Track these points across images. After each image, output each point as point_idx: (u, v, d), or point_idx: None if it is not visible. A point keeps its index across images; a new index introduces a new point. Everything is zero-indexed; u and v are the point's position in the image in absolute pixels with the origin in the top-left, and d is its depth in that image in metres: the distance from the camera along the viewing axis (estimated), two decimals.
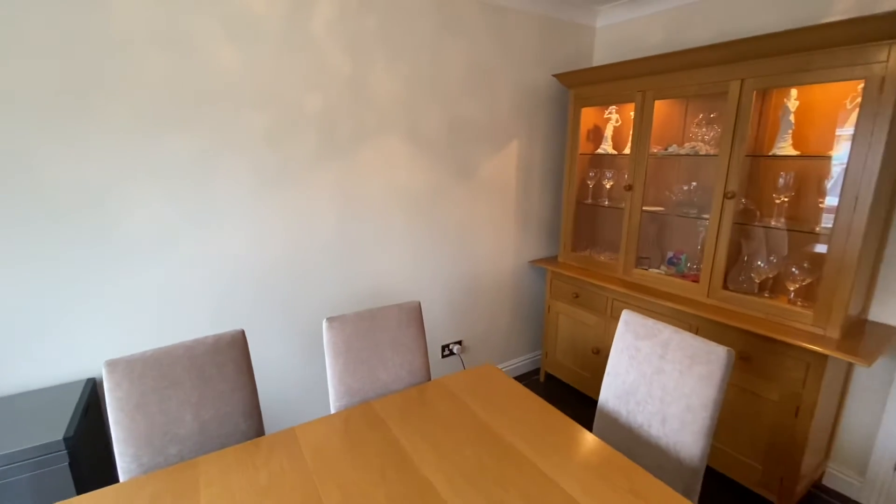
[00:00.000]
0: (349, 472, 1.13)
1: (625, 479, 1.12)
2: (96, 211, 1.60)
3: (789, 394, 1.78)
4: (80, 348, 1.64)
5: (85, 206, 1.58)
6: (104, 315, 1.67)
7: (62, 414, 1.45)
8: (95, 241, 1.61)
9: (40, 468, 1.33)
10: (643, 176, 2.29)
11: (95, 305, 1.64)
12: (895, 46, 1.46)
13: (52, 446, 1.33)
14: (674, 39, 2.44)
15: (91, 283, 1.62)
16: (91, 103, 1.53)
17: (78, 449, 1.39)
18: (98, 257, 1.62)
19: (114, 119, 1.58)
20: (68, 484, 1.38)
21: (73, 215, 1.56)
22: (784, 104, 1.89)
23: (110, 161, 1.60)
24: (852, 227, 1.63)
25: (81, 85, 1.50)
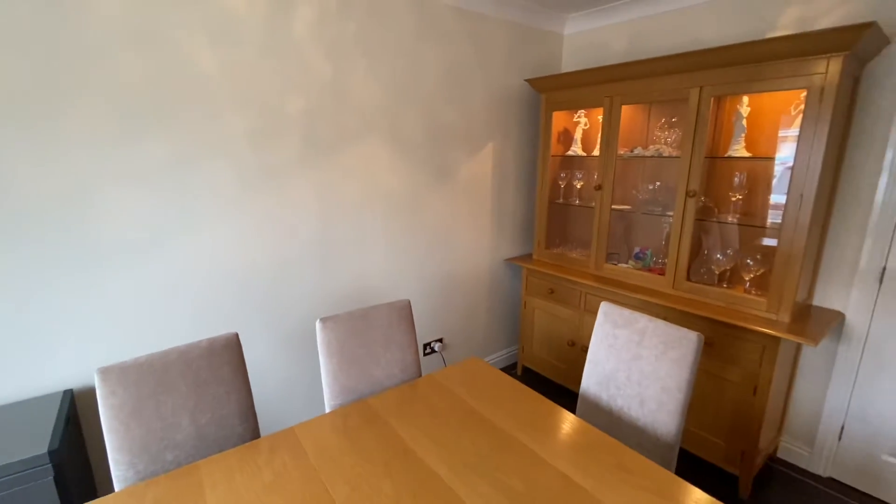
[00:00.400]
0: (353, 467, 1.17)
1: (611, 456, 1.22)
2: (70, 216, 1.55)
3: (748, 374, 1.95)
4: (57, 359, 1.58)
5: (58, 211, 1.53)
6: (81, 325, 1.62)
7: (43, 427, 1.40)
8: (70, 248, 1.56)
9: (25, 483, 1.28)
10: (612, 176, 2.43)
11: (71, 315, 1.59)
12: (832, 60, 1.64)
13: (37, 460, 1.29)
14: (637, 48, 2.60)
15: (66, 292, 1.57)
16: (66, 104, 1.48)
17: (62, 462, 1.35)
18: (72, 265, 1.57)
19: (90, 121, 1.53)
20: (53, 499, 1.34)
21: (45, 221, 1.50)
22: (737, 110, 2.06)
23: (85, 164, 1.55)
24: (798, 222, 1.81)
25: (55, 85, 1.46)
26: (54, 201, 1.51)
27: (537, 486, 1.10)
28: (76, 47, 1.47)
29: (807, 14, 1.98)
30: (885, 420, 1.95)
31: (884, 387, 1.95)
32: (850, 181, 1.96)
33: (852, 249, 1.98)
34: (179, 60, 1.67)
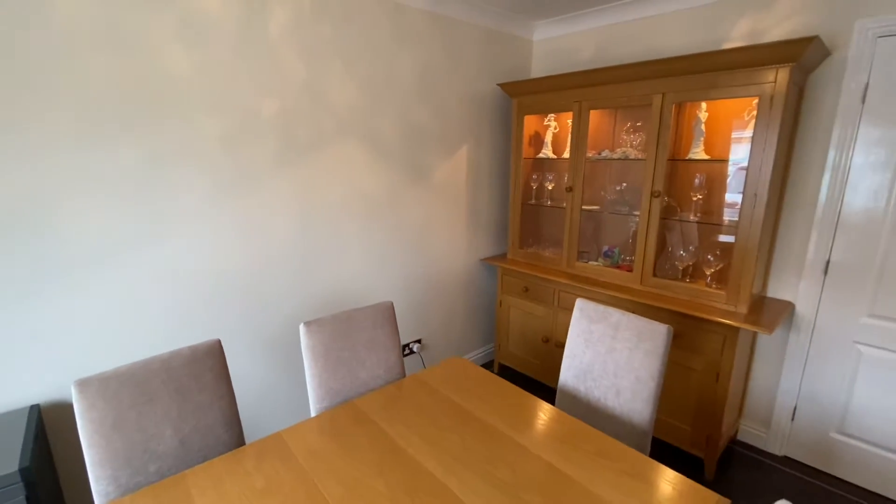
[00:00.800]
0: (345, 468, 1.18)
1: (591, 444, 1.28)
2: (33, 224, 1.48)
3: (710, 363, 2.08)
4: (21, 374, 1.51)
5: (20, 218, 1.45)
6: (46, 337, 1.55)
7: (11, 444, 1.34)
8: (33, 257, 1.49)
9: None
10: (581, 178, 2.53)
11: (36, 328, 1.52)
12: (780, 70, 1.78)
13: (7, 479, 1.23)
14: (603, 55, 2.72)
15: (28, 304, 1.50)
16: (29, 106, 1.42)
17: (33, 480, 1.30)
18: (36, 274, 1.50)
19: (55, 123, 1.47)
20: None
21: (5, 229, 1.43)
22: (697, 115, 2.20)
23: (50, 169, 1.49)
24: (753, 219, 1.95)
25: (15, 87, 1.39)
26: (14, 209, 1.44)
27: (524, 476, 1.15)
28: (38, 48, 1.41)
29: (757, 27, 2.13)
30: (832, 401, 2.13)
31: (829, 370, 2.13)
32: (797, 180, 2.12)
33: (800, 244, 2.15)
34: (150, 61, 1.63)
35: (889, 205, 1.90)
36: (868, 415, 2.04)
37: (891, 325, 1.94)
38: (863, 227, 1.98)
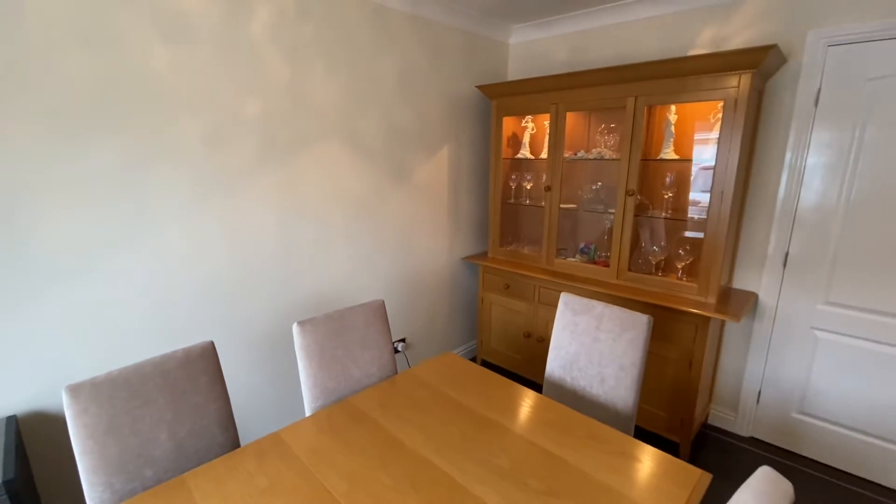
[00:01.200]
0: (347, 463, 1.20)
1: (581, 428, 1.35)
2: (7, 230, 1.42)
3: (684, 351, 2.20)
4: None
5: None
6: (23, 346, 1.49)
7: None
8: (6, 264, 1.43)
9: None
10: (559, 178, 2.62)
11: (10, 337, 1.46)
12: (743, 76, 1.91)
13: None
14: (577, 58, 2.82)
15: (3, 313, 1.44)
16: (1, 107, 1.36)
17: (17, 492, 1.25)
18: (10, 282, 1.44)
19: (29, 124, 1.42)
20: None
21: None
22: (667, 118, 2.32)
23: (24, 171, 1.43)
24: (720, 216, 2.08)
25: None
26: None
27: (522, 461, 1.20)
28: (9, 46, 1.36)
29: (720, 35, 2.27)
30: (793, 384, 2.29)
31: (790, 355, 2.29)
32: (758, 179, 2.27)
33: (762, 238, 2.30)
34: (128, 60, 1.59)
35: (839, 202, 2.07)
36: (825, 395, 2.21)
37: (844, 312, 2.11)
38: (817, 223, 2.14)
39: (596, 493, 1.10)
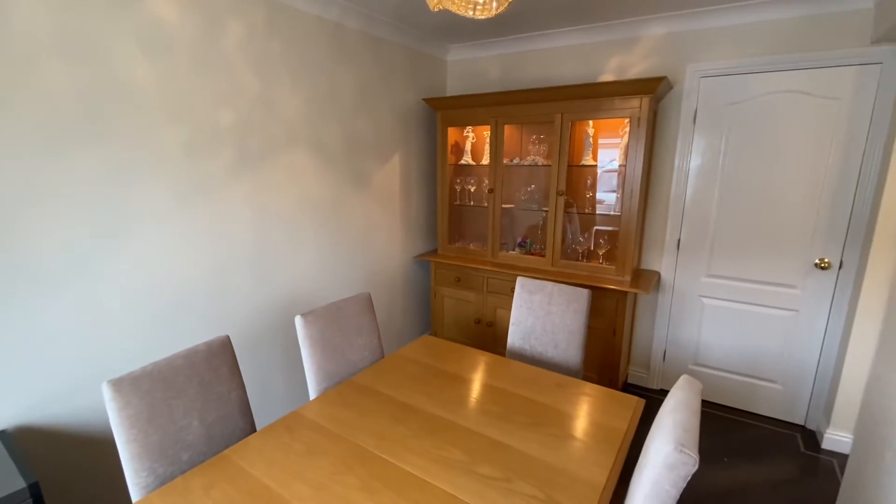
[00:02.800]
0: (370, 425, 1.42)
1: (549, 379, 1.70)
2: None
3: (608, 322, 2.68)
4: None
5: None
6: (9, 359, 1.47)
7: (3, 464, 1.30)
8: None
9: None
10: (500, 181, 2.99)
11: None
12: (643, 98, 2.42)
13: (18, 496, 1.22)
14: (509, 76, 3.23)
15: None
16: None
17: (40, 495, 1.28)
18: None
19: (13, 134, 1.43)
20: None
21: None
22: (586, 130, 2.80)
23: (8, 181, 1.43)
24: (631, 210, 2.58)
25: None
26: None
27: (510, 408, 1.51)
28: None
29: (623, 64, 2.80)
30: (688, 342, 2.90)
31: (685, 319, 2.89)
32: (656, 180, 2.84)
33: (660, 228, 2.87)
34: (111, 71, 1.64)
35: (714, 197, 2.69)
36: (711, 348, 2.84)
37: (720, 281, 2.74)
38: (699, 214, 2.75)
39: (569, 421, 1.44)
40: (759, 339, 2.69)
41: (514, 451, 1.29)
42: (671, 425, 0.99)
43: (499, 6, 1.29)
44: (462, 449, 1.30)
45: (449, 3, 1.28)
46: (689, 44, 2.61)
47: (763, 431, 2.62)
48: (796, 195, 2.47)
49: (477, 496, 1.12)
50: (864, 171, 2.30)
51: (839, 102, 2.32)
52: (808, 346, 2.58)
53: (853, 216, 2.36)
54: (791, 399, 2.67)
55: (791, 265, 2.54)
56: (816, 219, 2.44)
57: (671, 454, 0.92)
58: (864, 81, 2.25)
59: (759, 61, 2.44)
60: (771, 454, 2.42)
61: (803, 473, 2.27)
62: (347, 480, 1.18)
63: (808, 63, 2.34)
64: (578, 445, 1.33)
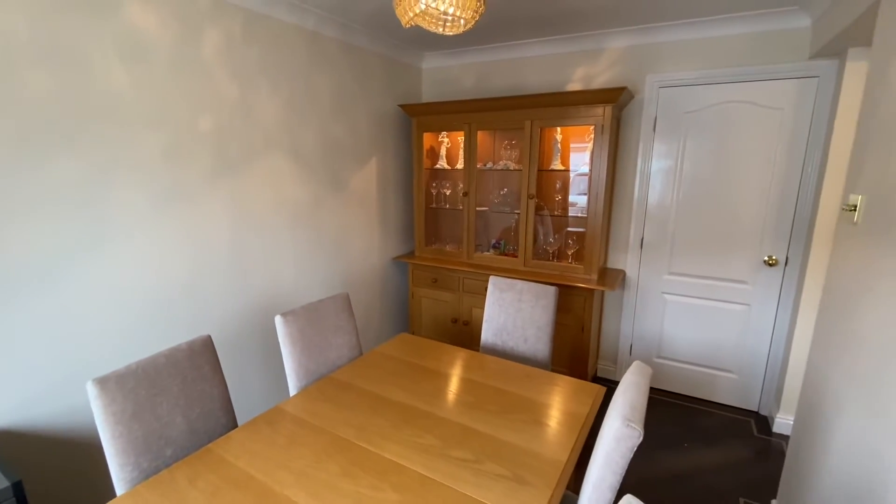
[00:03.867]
0: (349, 418, 1.49)
1: (519, 371, 1.81)
2: None
3: (577, 318, 2.82)
4: None
5: None
6: None
7: None
8: None
9: None
10: (475, 185, 3.11)
11: None
12: (606, 107, 2.57)
13: (2, 494, 1.25)
14: (481, 84, 3.35)
15: None
16: None
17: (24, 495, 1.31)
18: None
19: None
20: None
21: None
22: (555, 137, 2.94)
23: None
24: (597, 212, 2.73)
25: None
26: None
27: (483, 398, 1.61)
28: None
29: (589, 73, 2.96)
30: (652, 336, 3.07)
31: (649, 315, 3.06)
32: (620, 184, 3.01)
33: (624, 228, 3.04)
34: (89, 77, 1.67)
35: (673, 199, 2.86)
36: (673, 341, 3.01)
37: (681, 279, 2.92)
38: (659, 216, 2.92)
39: (536, 408, 1.55)
40: (715, 332, 2.88)
41: (484, 436, 1.39)
42: (621, 404, 1.11)
43: (466, 24, 1.40)
44: (436, 436, 1.40)
45: (420, 20, 1.38)
46: (649, 56, 2.78)
47: (720, 418, 2.80)
48: (747, 197, 2.67)
49: (450, 477, 1.21)
50: (805, 175, 2.51)
51: (782, 112, 2.53)
52: (759, 337, 2.77)
53: (797, 216, 2.57)
54: (745, 387, 2.87)
55: (743, 262, 2.74)
56: (765, 218, 2.64)
57: (619, 428, 1.03)
58: (804, 93, 2.46)
59: (711, 73, 2.63)
60: (727, 438, 2.59)
61: (755, 455, 2.45)
62: (329, 468, 1.25)
63: (754, 76, 2.54)
64: (544, 429, 1.43)
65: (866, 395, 1.23)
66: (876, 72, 1.46)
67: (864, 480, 1.19)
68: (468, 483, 1.19)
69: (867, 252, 1.34)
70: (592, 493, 1.08)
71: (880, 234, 1.27)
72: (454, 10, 1.26)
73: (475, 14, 1.33)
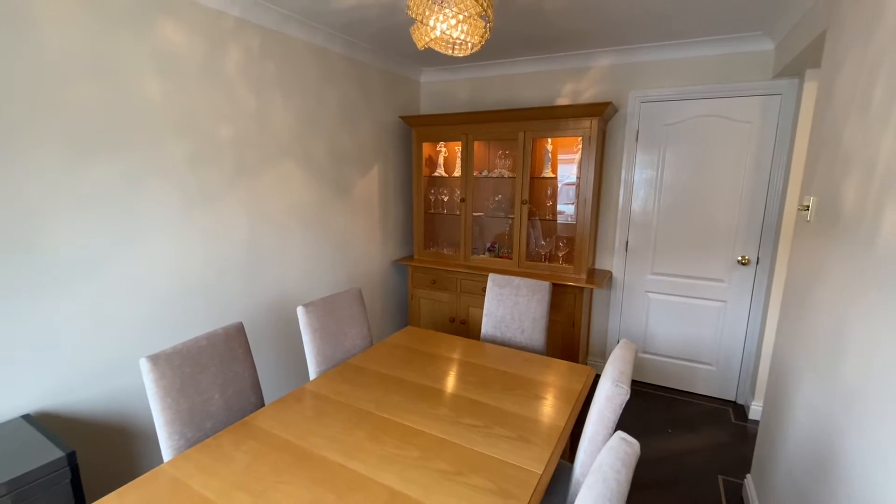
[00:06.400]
0: (368, 394, 1.66)
1: (518, 357, 2.00)
2: (17, 241, 1.57)
3: (568, 315, 3.03)
4: (5, 386, 1.57)
5: (5, 235, 1.55)
6: (35, 347, 1.63)
7: (38, 440, 1.45)
8: (21, 271, 1.58)
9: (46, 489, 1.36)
10: (471, 192, 3.32)
11: (26, 338, 1.59)
12: (593, 120, 2.81)
13: (57, 464, 1.38)
14: (476, 98, 3.58)
15: (20, 315, 1.58)
16: (22, 130, 1.54)
17: (77, 465, 1.44)
18: (23, 287, 1.58)
19: (43, 147, 1.60)
20: (69, 500, 1.42)
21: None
22: (546, 147, 3.17)
23: (36, 189, 1.61)
24: (585, 217, 2.96)
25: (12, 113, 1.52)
26: (6, 225, 1.53)
27: (487, 380, 1.79)
28: (30, 78, 1.55)
29: (576, 88, 3.21)
30: (638, 332, 3.29)
31: (635, 312, 3.28)
32: (606, 191, 3.24)
33: (611, 233, 3.27)
34: (127, 89, 1.83)
35: (655, 204, 3.11)
36: (657, 337, 3.23)
37: (663, 278, 3.15)
38: (643, 221, 3.16)
39: (536, 385, 1.74)
40: (695, 328, 3.11)
41: (491, 408, 1.57)
42: (611, 371, 1.30)
43: (473, 47, 1.61)
44: (448, 408, 1.57)
45: (433, 43, 1.59)
46: (631, 74, 3.04)
47: (700, 407, 3.02)
48: (721, 202, 2.92)
49: (463, 438, 1.39)
50: (773, 181, 2.77)
51: (751, 125, 2.80)
52: (734, 332, 3.01)
53: (765, 219, 2.82)
54: (723, 378, 3.09)
55: (718, 262, 2.98)
56: (737, 221, 2.90)
57: (610, 388, 1.22)
58: (769, 108, 2.74)
59: (687, 90, 2.90)
60: (706, 425, 2.81)
61: (732, 439, 2.66)
62: (356, 433, 1.42)
63: (725, 93, 2.81)
64: (542, 402, 1.62)
65: (819, 367, 1.45)
66: (823, 90, 1.71)
67: (821, 442, 1.40)
68: (480, 443, 1.37)
69: (817, 245, 1.57)
70: (588, 446, 1.26)
71: (827, 229, 1.50)
72: (465, 37, 1.47)
73: (482, 39, 1.54)
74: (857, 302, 1.21)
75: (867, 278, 1.16)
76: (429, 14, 1.46)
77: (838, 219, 1.41)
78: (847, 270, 1.30)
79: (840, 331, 1.30)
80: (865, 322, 1.15)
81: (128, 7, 1.80)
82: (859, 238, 1.24)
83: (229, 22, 2.19)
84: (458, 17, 1.44)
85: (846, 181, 1.38)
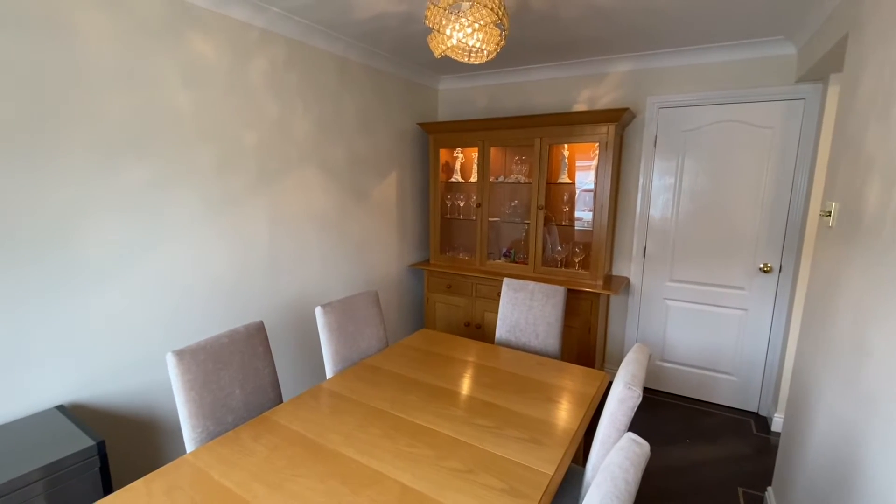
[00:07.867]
0: (382, 393, 1.69)
1: (532, 360, 2.00)
2: (53, 241, 1.67)
3: (584, 321, 3.01)
4: (41, 378, 1.65)
5: (43, 236, 1.64)
6: (66, 341, 1.71)
7: (70, 429, 1.53)
8: (56, 268, 1.67)
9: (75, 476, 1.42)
10: (487, 197, 3.34)
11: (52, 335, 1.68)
12: (610, 126, 2.81)
13: (87, 452, 1.45)
14: (493, 105, 3.62)
15: (50, 310, 1.66)
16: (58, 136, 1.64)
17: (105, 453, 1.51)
18: (57, 284, 1.67)
19: (74, 151, 1.69)
20: (98, 488, 1.49)
21: (29, 245, 1.60)
22: (562, 153, 3.18)
23: (73, 191, 1.70)
24: (602, 223, 2.95)
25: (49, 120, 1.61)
26: (40, 227, 1.63)
27: (500, 383, 1.81)
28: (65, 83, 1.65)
29: (593, 95, 3.22)
30: (656, 340, 3.24)
31: (652, 320, 3.24)
32: (623, 198, 3.23)
33: (628, 239, 3.25)
34: (157, 98, 1.93)
35: (673, 211, 3.08)
36: (676, 345, 3.18)
37: (681, 285, 3.11)
38: (661, 228, 3.13)
39: (550, 389, 1.74)
40: (715, 336, 3.05)
41: (503, 409, 1.59)
42: (624, 374, 1.31)
43: (489, 55, 1.64)
44: (461, 408, 1.59)
45: (450, 52, 1.63)
46: (649, 79, 3.03)
47: (721, 418, 2.95)
48: (742, 208, 2.87)
49: (475, 438, 1.41)
50: (795, 188, 2.72)
51: (773, 131, 2.75)
52: (756, 340, 2.94)
53: (788, 226, 2.77)
54: (745, 389, 3.02)
55: (740, 269, 2.93)
56: (759, 228, 2.84)
57: (622, 391, 1.23)
58: (792, 113, 2.69)
59: (707, 95, 2.87)
60: (727, 436, 2.74)
61: (754, 451, 2.60)
62: (370, 430, 1.45)
63: (746, 98, 2.78)
64: (556, 405, 1.62)
65: (840, 375, 1.42)
66: (845, 94, 1.69)
67: (843, 451, 1.36)
68: (491, 443, 1.38)
69: (839, 251, 1.54)
70: (600, 449, 1.26)
71: (849, 234, 1.47)
72: (481, 45, 1.50)
73: (497, 47, 1.58)
74: (878, 308, 1.19)
75: (889, 284, 1.14)
76: (445, 23, 1.51)
77: (860, 224, 1.39)
78: (868, 276, 1.27)
79: (862, 337, 1.27)
80: (887, 328, 1.13)
81: (159, 20, 1.90)
82: (881, 243, 1.22)
83: (254, 33, 2.28)
84: (473, 25, 1.48)
85: (868, 186, 1.35)
